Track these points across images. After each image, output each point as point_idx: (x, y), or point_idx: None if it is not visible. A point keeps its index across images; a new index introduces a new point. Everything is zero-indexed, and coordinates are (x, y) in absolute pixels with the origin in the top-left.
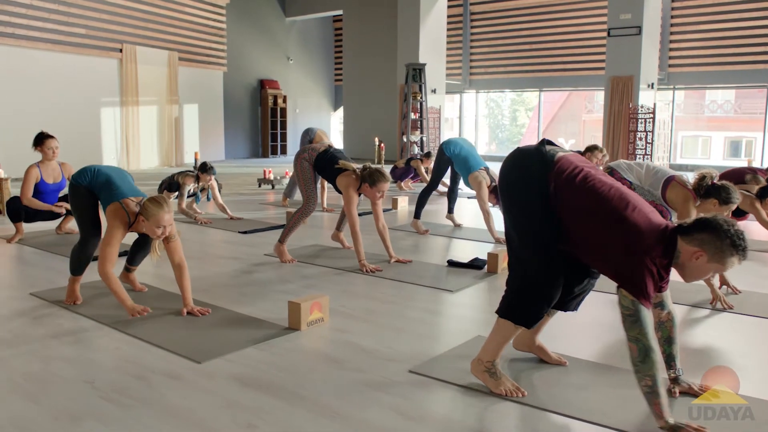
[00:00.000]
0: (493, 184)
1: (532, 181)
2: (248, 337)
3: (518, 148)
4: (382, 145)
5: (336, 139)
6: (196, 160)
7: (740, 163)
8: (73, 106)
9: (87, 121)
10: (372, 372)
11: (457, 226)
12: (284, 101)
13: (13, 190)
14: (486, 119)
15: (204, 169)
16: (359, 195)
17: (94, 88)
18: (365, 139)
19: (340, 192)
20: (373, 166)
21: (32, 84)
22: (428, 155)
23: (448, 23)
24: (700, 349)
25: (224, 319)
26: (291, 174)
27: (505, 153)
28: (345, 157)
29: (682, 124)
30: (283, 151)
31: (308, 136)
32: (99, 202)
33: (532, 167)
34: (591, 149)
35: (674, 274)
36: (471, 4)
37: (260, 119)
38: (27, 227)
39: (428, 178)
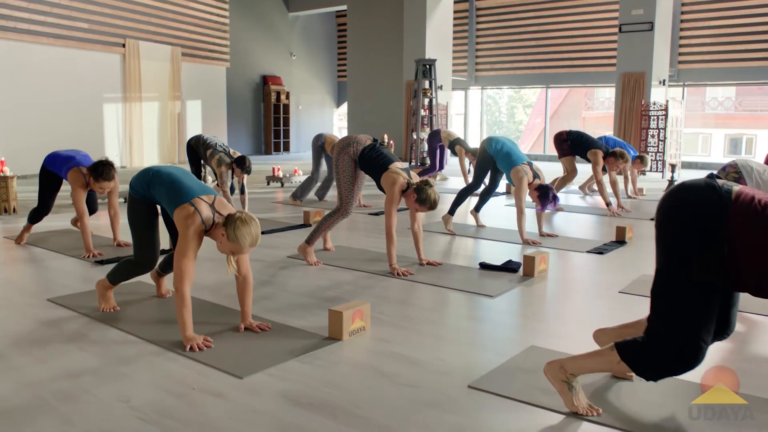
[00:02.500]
0: (536, 179)
1: (704, 224)
2: (288, 349)
3: (683, 183)
4: (391, 142)
5: (338, 136)
6: None
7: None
8: (75, 101)
9: (89, 116)
10: (428, 387)
11: (480, 226)
12: (287, 97)
13: (18, 188)
14: (484, 116)
15: (242, 166)
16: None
17: (97, 83)
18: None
19: (382, 189)
20: (432, 189)
21: (34, 79)
22: (475, 154)
23: (454, 19)
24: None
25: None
26: (299, 173)
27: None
28: (393, 156)
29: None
30: (286, 148)
31: (319, 141)
32: (160, 216)
33: (704, 208)
34: (617, 155)
35: None
36: None
37: (263, 116)
38: (36, 225)
39: (466, 168)
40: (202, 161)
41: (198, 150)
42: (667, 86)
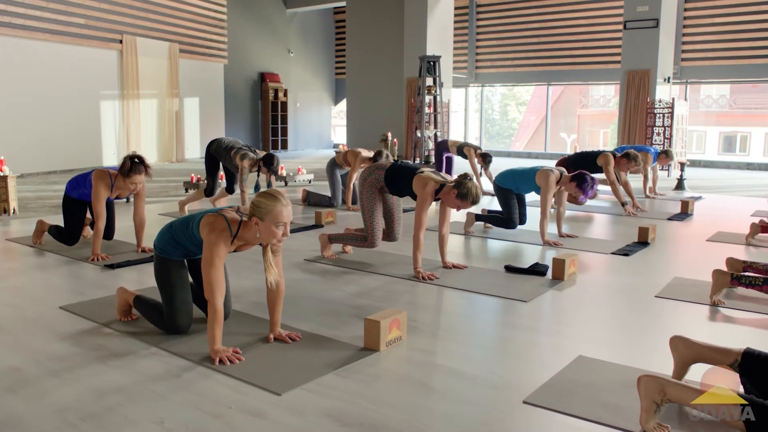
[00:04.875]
0: (563, 175)
1: None
2: (324, 361)
3: None
4: (395, 140)
5: (341, 134)
6: None
7: (735, 158)
8: (71, 98)
9: (86, 114)
10: (481, 404)
11: (488, 227)
12: (285, 95)
13: (19, 186)
14: (477, 113)
15: (270, 165)
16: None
17: (94, 80)
18: (369, 134)
19: (415, 199)
20: (473, 182)
21: (29, 76)
22: (485, 157)
23: (454, 15)
24: None
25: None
26: (303, 171)
27: (496, 148)
28: (420, 166)
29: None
30: (284, 146)
31: (331, 165)
32: (189, 269)
33: None
34: (629, 157)
35: None
36: None
37: (261, 113)
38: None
39: (477, 169)
40: (221, 170)
41: (218, 156)
42: (671, 84)
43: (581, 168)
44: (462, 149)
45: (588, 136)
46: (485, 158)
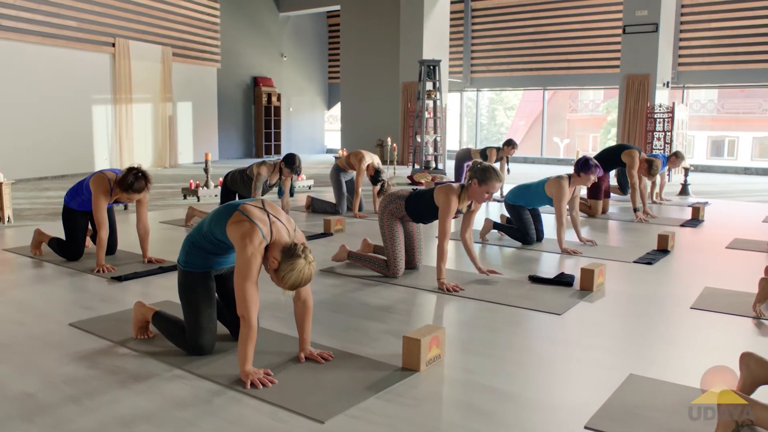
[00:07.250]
0: (570, 176)
1: None
2: (363, 384)
3: None
4: (395, 145)
5: (332, 139)
6: (206, 161)
7: (726, 162)
8: (63, 102)
9: (78, 118)
10: (539, 428)
11: (502, 235)
12: (278, 99)
13: (14, 193)
14: (465, 118)
15: (291, 165)
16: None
17: (86, 83)
18: (364, 138)
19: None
20: (485, 163)
21: (20, 79)
22: (510, 143)
23: (449, 20)
24: None
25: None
26: (303, 178)
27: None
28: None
29: None
30: (278, 151)
31: (335, 171)
32: (215, 282)
33: None
34: (678, 155)
35: None
36: (472, 0)
37: (254, 118)
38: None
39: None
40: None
41: (234, 185)
42: (670, 88)
43: (607, 165)
44: (485, 152)
45: (577, 141)
46: (510, 143)
